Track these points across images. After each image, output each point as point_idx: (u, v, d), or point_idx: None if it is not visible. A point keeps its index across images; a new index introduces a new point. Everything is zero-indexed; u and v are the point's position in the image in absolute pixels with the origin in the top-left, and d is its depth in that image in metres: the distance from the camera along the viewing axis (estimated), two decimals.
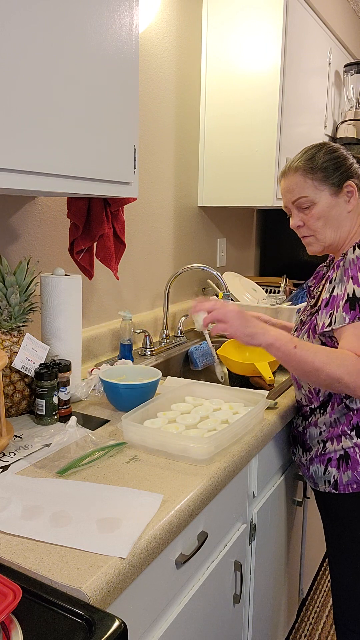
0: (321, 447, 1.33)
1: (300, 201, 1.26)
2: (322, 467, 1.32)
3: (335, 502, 1.32)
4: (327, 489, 1.32)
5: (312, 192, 1.25)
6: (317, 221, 1.26)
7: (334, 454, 1.30)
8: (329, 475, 1.31)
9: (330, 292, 1.23)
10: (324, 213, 1.25)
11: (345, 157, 1.27)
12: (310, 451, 1.36)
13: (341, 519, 1.33)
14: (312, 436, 1.35)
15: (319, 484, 1.34)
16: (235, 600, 1.26)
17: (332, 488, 1.31)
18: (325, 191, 1.24)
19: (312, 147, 1.29)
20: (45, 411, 1.25)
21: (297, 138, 2.32)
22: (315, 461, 1.34)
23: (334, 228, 1.27)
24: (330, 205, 1.25)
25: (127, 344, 1.74)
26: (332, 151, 1.27)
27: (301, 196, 1.26)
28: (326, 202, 1.25)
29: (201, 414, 1.27)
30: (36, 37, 0.98)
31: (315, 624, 1.96)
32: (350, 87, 2.83)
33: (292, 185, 1.27)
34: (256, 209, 2.97)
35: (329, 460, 1.31)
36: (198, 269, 2.14)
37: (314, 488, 1.38)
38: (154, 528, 0.86)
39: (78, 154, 1.12)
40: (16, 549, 0.79)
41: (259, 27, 2.09)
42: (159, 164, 2.05)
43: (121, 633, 0.64)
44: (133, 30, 1.23)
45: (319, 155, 1.25)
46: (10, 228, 1.45)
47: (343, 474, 1.28)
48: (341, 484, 1.29)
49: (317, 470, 1.34)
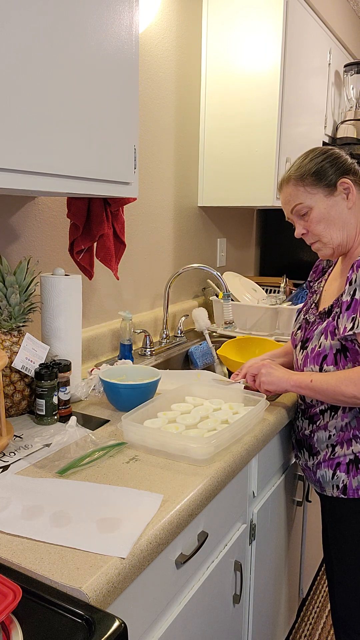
0: (330, 452, 1.31)
1: (297, 209, 1.27)
2: (331, 471, 1.30)
3: (344, 506, 1.31)
4: (335, 494, 1.30)
5: (305, 198, 1.25)
6: (318, 225, 1.26)
7: (343, 458, 1.28)
8: (338, 480, 1.29)
9: (352, 295, 1.21)
10: (323, 215, 1.25)
11: (336, 156, 1.27)
12: (318, 455, 1.34)
13: (349, 523, 1.31)
14: (320, 440, 1.33)
15: (326, 488, 1.33)
16: (235, 600, 1.26)
17: (341, 493, 1.29)
18: (319, 194, 1.25)
19: (301, 156, 1.30)
20: (45, 411, 1.25)
21: (297, 138, 2.32)
22: (322, 465, 1.32)
23: (338, 228, 1.26)
24: (328, 206, 1.25)
25: (127, 344, 1.74)
26: (320, 154, 1.27)
27: (296, 204, 1.27)
28: (323, 205, 1.25)
29: (201, 414, 1.26)
30: (36, 37, 0.98)
31: (315, 624, 1.96)
32: (350, 87, 2.83)
33: (287, 196, 1.29)
34: (256, 209, 2.97)
35: (337, 464, 1.29)
36: (198, 269, 2.14)
37: (320, 492, 1.37)
38: (154, 528, 0.86)
39: (78, 154, 1.12)
40: (16, 549, 0.79)
41: (259, 27, 2.09)
42: (159, 164, 2.05)
43: (121, 633, 0.64)
44: (133, 30, 1.23)
45: (305, 162, 1.27)
46: (10, 228, 1.45)
47: (353, 479, 1.27)
48: (350, 488, 1.28)
49: (324, 474, 1.32)
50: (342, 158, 1.27)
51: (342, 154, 1.28)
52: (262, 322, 2.15)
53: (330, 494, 1.32)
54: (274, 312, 2.12)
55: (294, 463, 1.60)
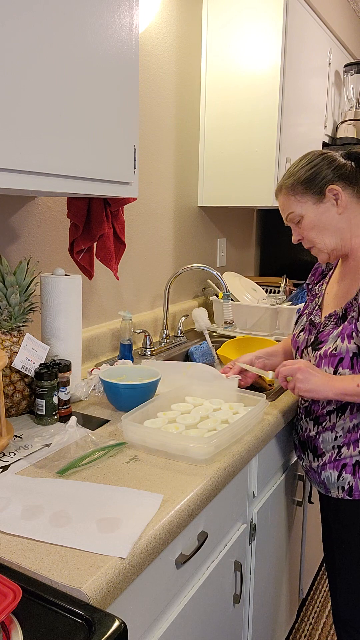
0: (336, 453, 1.30)
1: (290, 217, 1.32)
2: (336, 473, 1.30)
3: (349, 508, 1.30)
4: (341, 495, 1.30)
5: (296, 206, 1.29)
6: (311, 231, 1.29)
7: (349, 459, 1.28)
8: (344, 482, 1.29)
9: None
10: (314, 222, 1.28)
11: (323, 164, 1.27)
12: (323, 457, 1.33)
13: (354, 525, 1.31)
14: (326, 441, 1.32)
15: (330, 490, 1.32)
16: (235, 600, 1.26)
17: (347, 494, 1.29)
18: (308, 202, 1.27)
19: (293, 163, 1.33)
20: (45, 411, 1.25)
21: (297, 138, 2.32)
22: (328, 467, 1.31)
23: (331, 233, 1.28)
24: (318, 213, 1.27)
25: (127, 344, 1.74)
26: (308, 162, 1.29)
27: (289, 212, 1.31)
28: (313, 212, 1.27)
29: (201, 414, 1.26)
30: (36, 37, 0.98)
31: (315, 624, 1.96)
32: (350, 87, 2.83)
33: (281, 205, 1.34)
34: (256, 209, 2.97)
35: (343, 465, 1.29)
36: (198, 269, 2.14)
37: (324, 494, 1.36)
38: (154, 528, 0.86)
39: (78, 154, 1.12)
40: (16, 549, 0.79)
41: (259, 27, 2.09)
42: (159, 164, 2.05)
43: (121, 633, 0.64)
44: (133, 30, 1.23)
45: (296, 170, 1.29)
46: (10, 228, 1.45)
47: (359, 480, 1.27)
48: (356, 490, 1.27)
49: (329, 476, 1.31)
50: (334, 163, 1.27)
51: (334, 159, 1.28)
52: (262, 322, 2.15)
53: (335, 496, 1.31)
54: (274, 312, 2.12)
55: (294, 463, 1.60)
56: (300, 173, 1.28)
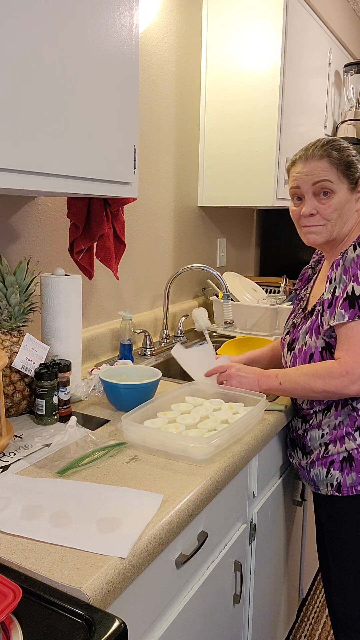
0: (323, 450, 1.31)
1: (323, 184, 1.24)
2: (324, 469, 1.31)
3: (339, 504, 1.31)
4: (330, 492, 1.31)
5: (336, 180, 1.25)
6: (334, 212, 1.26)
7: (336, 456, 1.29)
8: (332, 478, 1.30)
9: (332, 293, 1.24)
10: (340, 205, 1.26)
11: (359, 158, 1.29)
12: (311, 454, 1.35)
13: (344, 521, 1.32)
14: (313, 439, 1.34)
15: (320, 487, 1.33)
16: (235, 600, 1.26)
17: (335, 491, 1.30)
18: (345, 185, 1.26)
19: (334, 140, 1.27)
20: (45, 411, 1.25)
21: (297, 138, 2.31)
22: (316, 464, 1.33)
23: (343, 222, 1.28)
24: (346, 199, 1.26)
25: (127, 344, 1.74)
26: (351, 149, 1.29)
27: (326, 179, 1.24)
28: (343, 195, 1.26)
29: (201, 414, 1.26)
30: (36, 37, 0.98)
31: (315, 624, 1.96)
32: (350, 87, 2.83)
33: (317, 169, 1.25)
34: (256, 209, 2.96)
35: (331, 462, 1.30)
36: (198, 269, 2.14)
37: (315, 491, 1.37)
38: (154, 528, 0.86)
39: (78, 154, 1.12)
40: (16, 549, 0.79)
41: (259, 27, 2.09)
42: (159, 164, 2.05)
43: (121, 633, 0.64)
44: (133, 30, 1.23)
45: (344, 148, 1.26)
46: (10, 228, 1.45)
47: (347, 476, 1.28)
48: (345, 486, 1.28)
49: (318, 473, 1.33)
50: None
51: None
52: (262, 322, 2.15)
53: (324, 493, 1.33)
54: (273, 312, 2.12)
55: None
56: (347, 154, 1.25)
